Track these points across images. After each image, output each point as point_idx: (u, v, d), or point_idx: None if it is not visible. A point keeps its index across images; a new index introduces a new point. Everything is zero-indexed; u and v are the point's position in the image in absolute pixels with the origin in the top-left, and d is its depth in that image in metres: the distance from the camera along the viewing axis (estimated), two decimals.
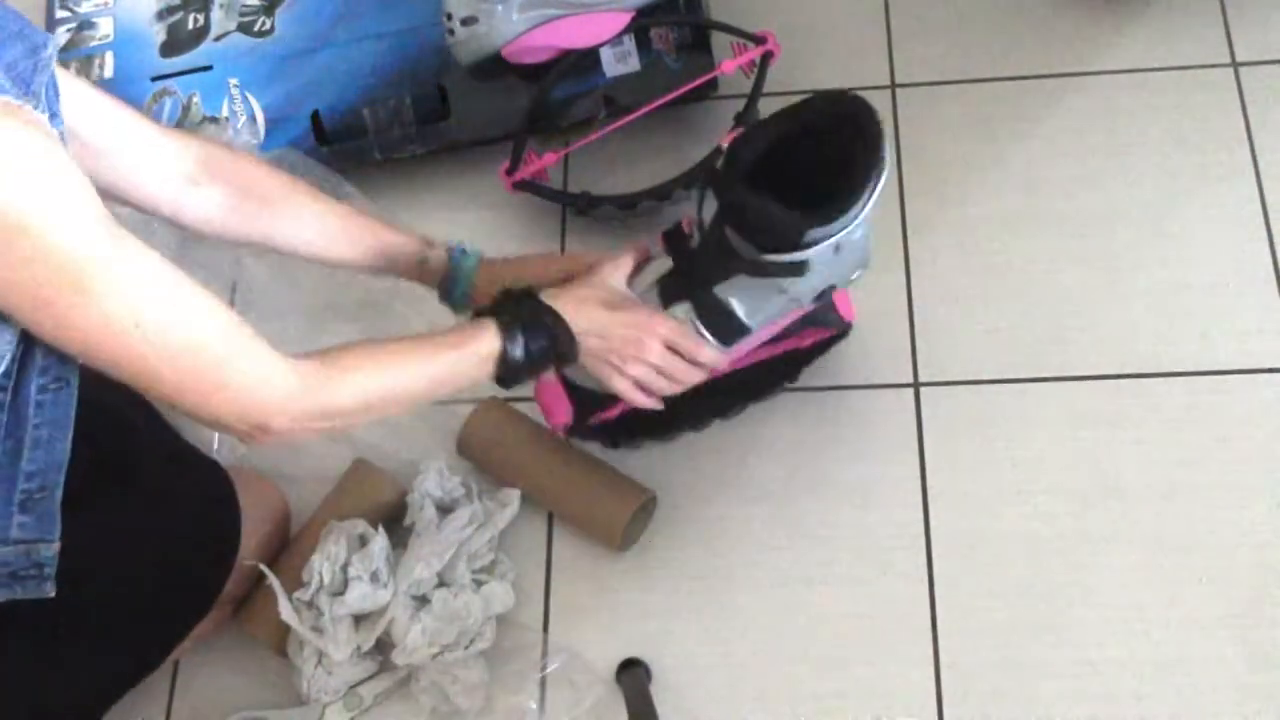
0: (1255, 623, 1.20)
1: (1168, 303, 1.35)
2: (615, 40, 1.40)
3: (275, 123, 1.46)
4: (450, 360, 1.03)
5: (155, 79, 1.48)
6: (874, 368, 1.35)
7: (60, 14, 1.57)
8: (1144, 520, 1.25)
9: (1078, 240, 1.40)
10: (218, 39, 1.49)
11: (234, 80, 1.47)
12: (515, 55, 1.41)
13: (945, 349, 1.36)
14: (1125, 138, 1.45)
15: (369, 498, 1.30)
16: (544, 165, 1.42)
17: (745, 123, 1.39)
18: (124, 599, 1.10)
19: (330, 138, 1.46)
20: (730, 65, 1.41)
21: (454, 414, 1.34)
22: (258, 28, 1.50)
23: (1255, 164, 1.42)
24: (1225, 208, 1.40)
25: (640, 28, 1.41)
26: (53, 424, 0.93)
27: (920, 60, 1.53)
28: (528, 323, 1.06)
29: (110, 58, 1.52)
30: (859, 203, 1.05)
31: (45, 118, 0.82)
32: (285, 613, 1.20)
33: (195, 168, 1.10)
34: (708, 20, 1.44)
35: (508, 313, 1.06)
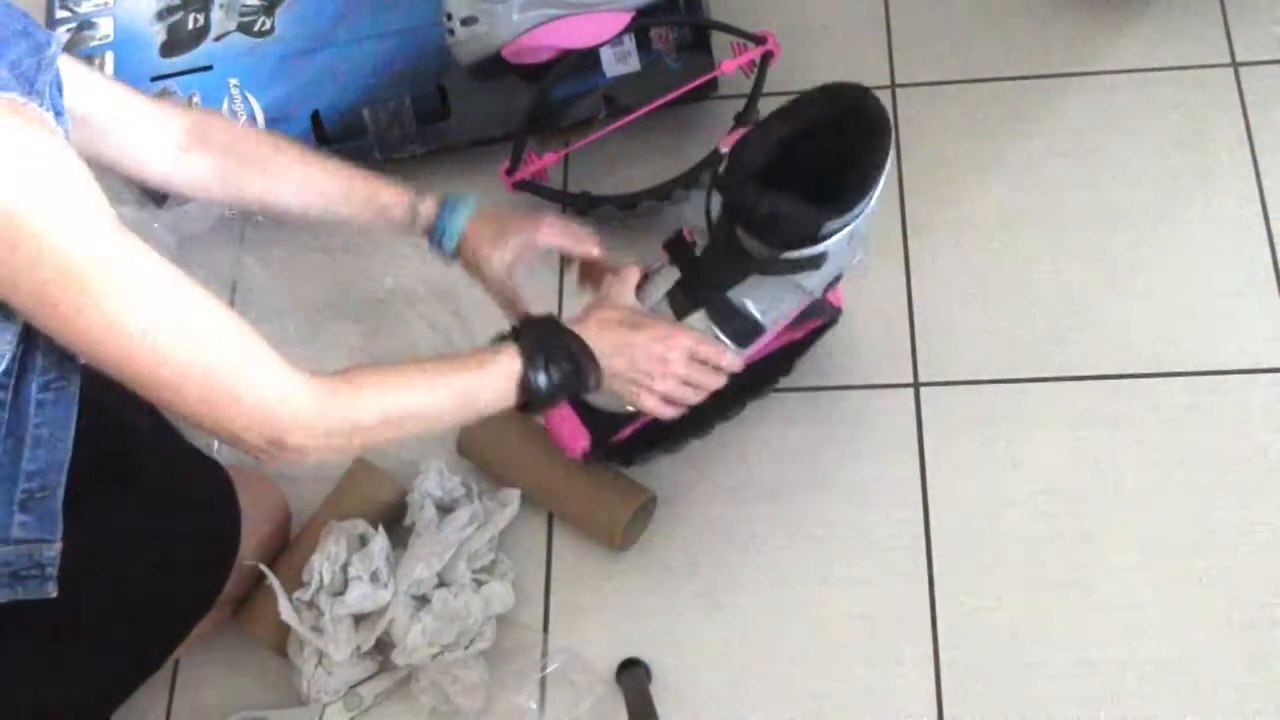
0: (1255, 623, 1.20)
1: (1168, 303, 1.35)
2: (615, 40, 1.40)
3: (275, 123, 1.46)
4: (470, 381, 1.01)
5: (155, 79, 1.49)
6: (874, 368, 1.35)
7: (60, 14, 1.57)
8: (1144, 520, 1.25)
9: (1078, 240, 1.40)
10: (218, 39, 1.49)
11: (234, 80, 1.47)
12: (515, 55, 1.41)
13: (945, 349, 1.36)
14: (1125, 138, 1.45)
15: (369, 498, 1.30)
16: (544, 165, 1.42)
17: (745, 123, 1.38)
18: (124, 599, 1.10)
19: (330, 138, 1.46)
20: (730, 65, 1.41)
21: None
22: (258, 28, 1.50)
23: (1255, 164, 1.42)
24: (1225, 208, 1.40)
25: (640, 28, 1.41)
26: (54, 423, 0.93)
27: (920, 60, 1.53)
28: (550, 349, 1.04)
29: (110, 58, 1.52)
30: (873, 189, 1.05)
31: (50, 116, 0.81)
32: (285, 613, 1.20)
33: (186, 136, 1.11)
34: (708, 20, 1.44)
35: (529, 339, 1.04)
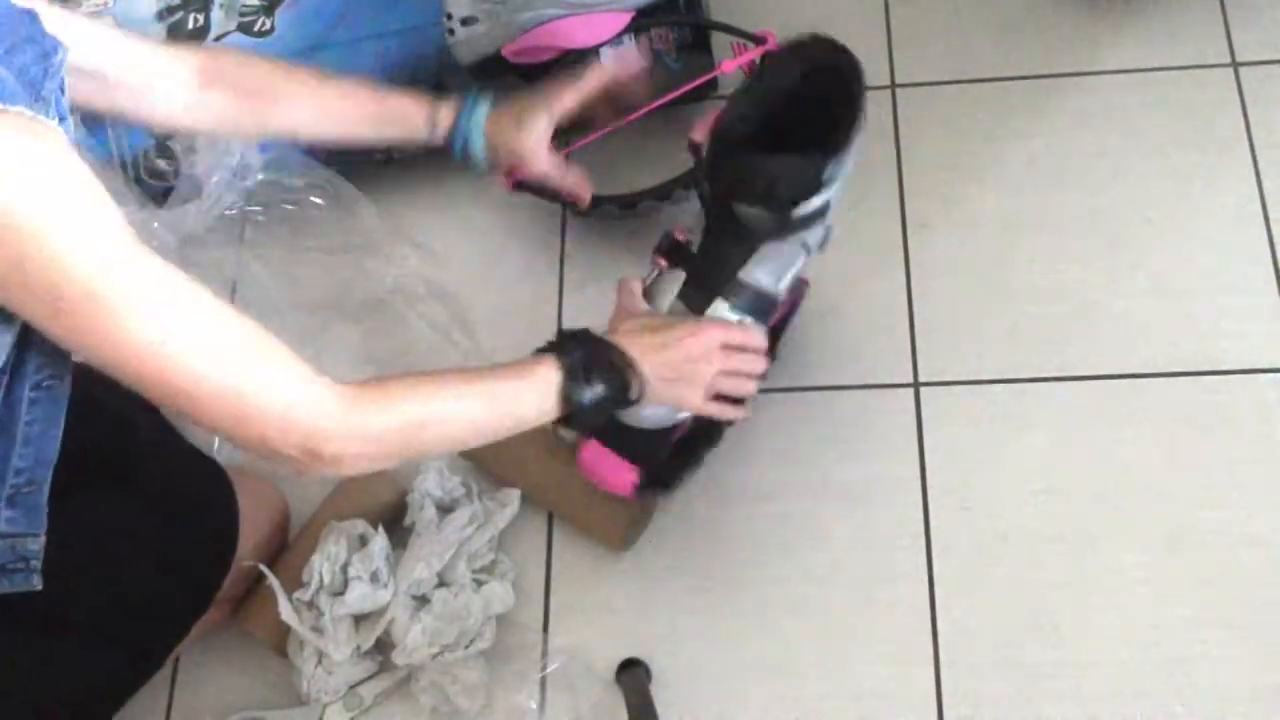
0: (1255, 623, 1.20)
1: (1168, 303, 1.35)
2: (615, 40, 1.40)
3: None
4: (505, 389, 0.99)
5: None
6: (874, 368, 1.35)
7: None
8: (1144, 520, 1.25)
9: (1078, 240, 1.40)
10: (218, 39, 1.49)
11: None
12: (515, 55, 1.41)
13: (945, 349, 1.36)
14: (1125, 138, 1.45)
15: (369, 498, 1.30)
16: None
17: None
18: (121, 596, 1.10)
19: None
20: (730, 65, 1.40)
21: None
22: (258, 28, 1.50)
23: (1255, 164, 1.42)
24: (1225, 208, 1.40)
25: (640, 28, 1.41)
26: (44, 421, 0.93)
27: (920, 60, 1.53)
28: (591, 359, 1.02)
29: None
30: (858, 125, 1.07)
31: (56, 122, 0.81)
32: (285, 613, 1.20)
33: (200, 76, 1.11)
34: (708, 20, 1.44)
35: (568, 350, 1.02)
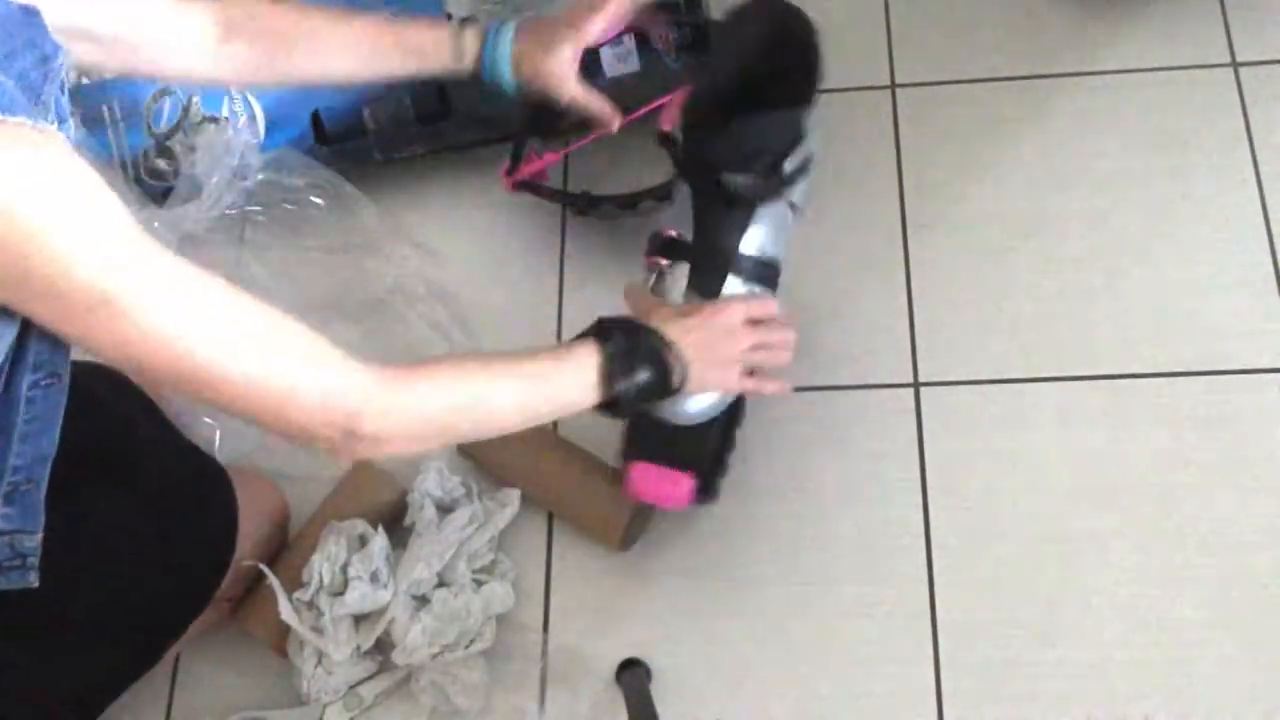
0: (1255, 623, 1.20)
1: (1168, 303, 1.35)
2: (615, 40, 1.40)
3: (275, 123, 1.46)
4: (544, 369, 0.99)
5: None
6: (874, 368, 1.35)
7: None
8: (1144, 520, 1.25)
9: (1077, 240, 1.40)
10: None
11: None
12: None
13: (945, 349, 1.36)
14: (1125, 138, 1.45)
15: (369, 498, 1.30)
16: (544, 165, 1.42)
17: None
18: (119, 595, 1.10)
19: (330, 138, 1.46)
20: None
21: None
22: None
23: (1255, 164, 1.42)
24: (1225, 208, 1.40)
25: (640, 28, 1.41)
26: (42, 418, 0.93)
27: (920, 60, 1.53)
28: (632, 343, 1.02)
29: None
30: (820, 72, 1.12)
31: (55, 127, 0.81)
32: (285, 613, 1.20)
33: (218, 29, 1.11)
34: (708, 20, 1.44)
35: (607, 333, 1.02)
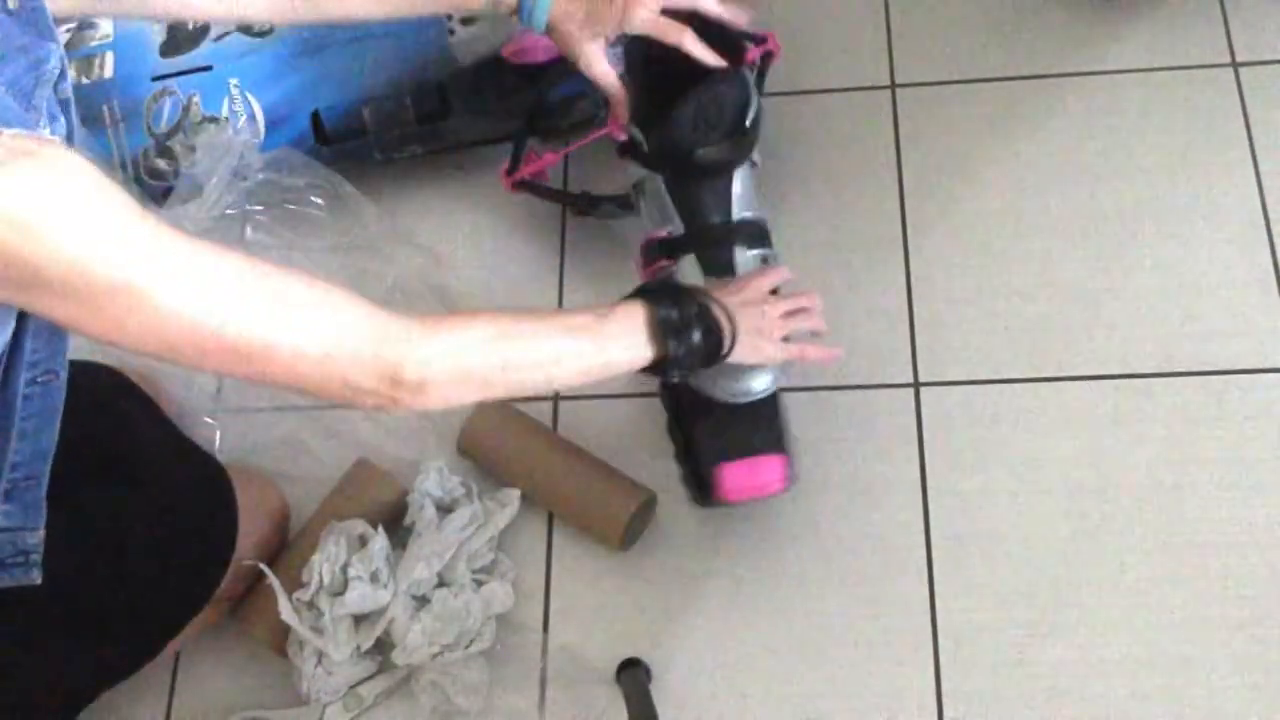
0: (1256, 623, 1.20)
1: (1168, 303, 1.35)
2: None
3: (275, 123, 1.46)
4: (588, 322, 0.98)
5: (155, 79, 1.48)
6: (874, 368, 1.35)
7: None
8: (1145, 520, 1.25)
9: (1078, 240, 1.40)
10: (218, 39, 1.49)
11: (234, 80, 1.46)
12: (515, 55, 1.41)
13: (945, 349, 1.36)
14: (1125, 138, 1.45)
15: (369, 498, 1.30)
16: (544, 165, 1.42)
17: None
18: (118, 593, 1.10)
19: (330, 138, 1.46)
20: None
21: (454, 414, 1.34)
22: (258, 28, 1.49)
23: (1255, 164, 1.42)
24: (1225, 208, 1.40)
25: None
26: (40, 416, 0.93)
27: (920, 60, 1.53)
28: (687, 308, 1.02)
29: (110, 58, 1.51)
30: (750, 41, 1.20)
31: (48, 130, 0.80)
32: (285, 613, 1.20)
33: None
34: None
35: (661, 298, 1.02)
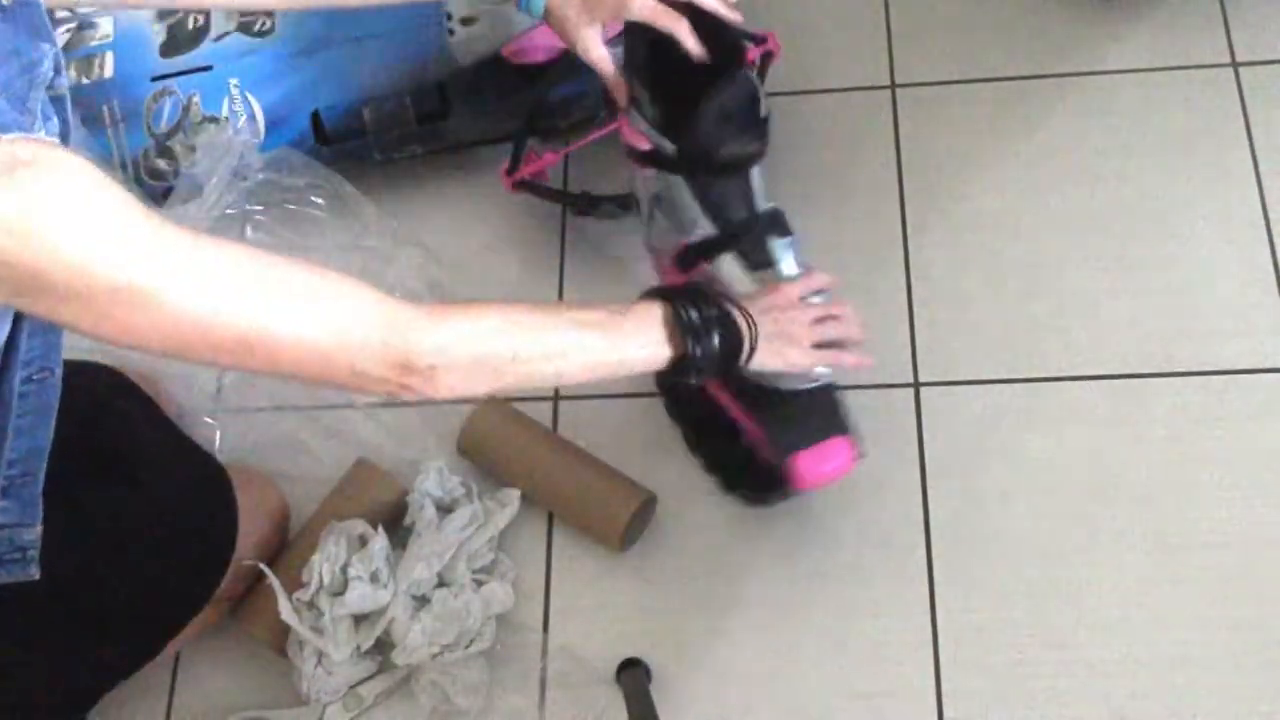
0: (1255, 623, 1.20)
1: (1168, 303, 1.35)
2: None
3: (275, 123, 1.46)
4: (602, 319, 0.97)
5: (155, 79, 1.48)
6: (874, 368, 1.35)
7: (60, 13, 1.57)
8: (1144, 520, 1.25)
9: (1078, 240, 1.40)
10: (218, 39, 1.49)
11: (234, 80, 1.46)
12: (515, 55, 1.41)
13: (945, 349, 1.36)
14: (1125, 138, 1.45)
15: (369, 498, 1.30)
16: (544, 165, 1.42)
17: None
18: (118, 593, 1.10)
19: (330, 138, 1.46)
20: None
21: (454, 414, 1.34)
22: (258, 28, 1.49)
23: (1255, 164, 1.42)
24: (1225, 208, 1.40)
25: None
26: (36, 413, 0.93)
27: (920, 60, 1.53)
28: (702, 306, 1.01)
29: (110, 58, 1.51)
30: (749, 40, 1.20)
31: (42, 133, 0.78)
32: (285, 613, 1.20)
33: None
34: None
35: (680, 299, 1.01)
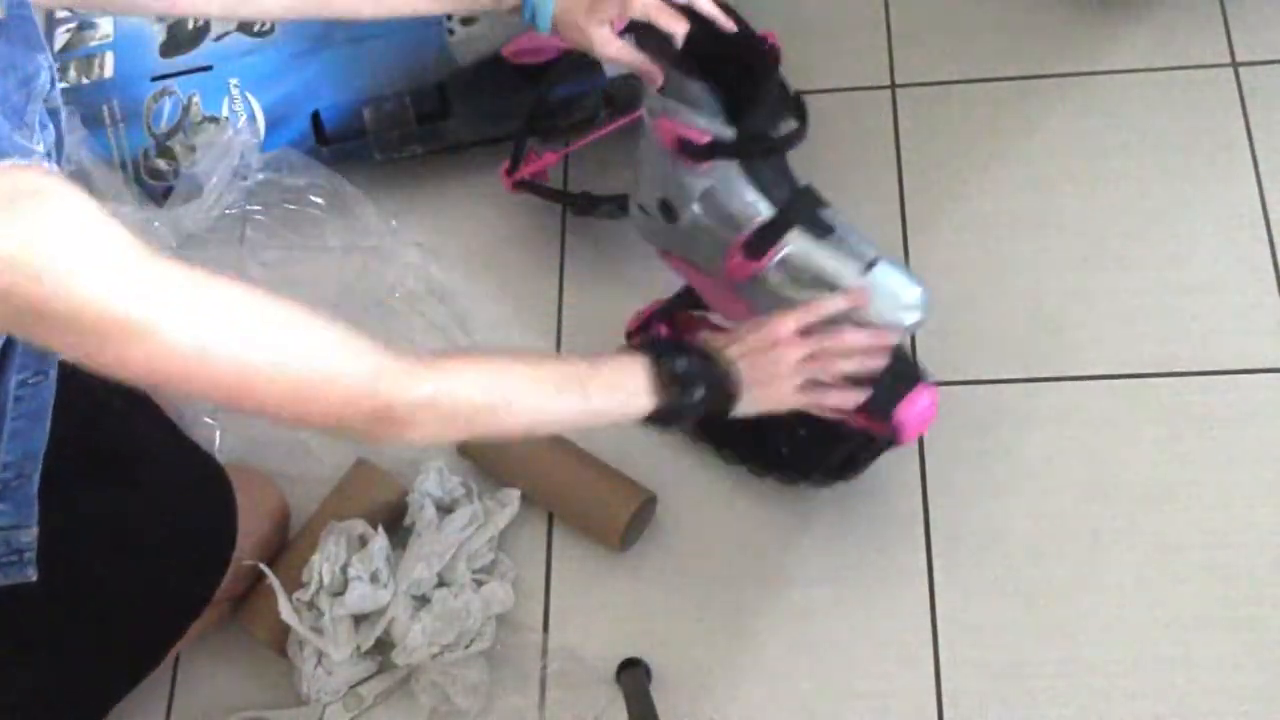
0: (1255, 623, 1.20)
1: (1168, 303, 1.35)
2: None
3: (275, 123, 1.46)
4: (581, 371, 0.95)
5: (155, 79, 1.48)
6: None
7: (60, 14, 1.57)
8: (1144, 520, 1.25)
9: (1078, 240, 1.40)
10: (218, 39, 1.49)
11: (234, 80, 1.46)
12: (515, 55, 1.41)
13: (945, 349, 1.35)
14: (1125, 138, 1.45)
15: (369, 498, 1.30)
16: (544, 165, 1.42)
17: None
18: (119, 594, 1.10)
19: (330, 138, 1.46)
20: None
21: None
22: (258, 28, 1.50)
23: (1255, 164, 1.42)
24: (1225, 208, 1.40)
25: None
26: (30, 415, 0.93)
27: (920, 60, 1.53)
28: (690, 362, 0.99)
29: (110, 58, 1.51)
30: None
31: (40, 146, 0.78)
32: (285, 613, 1.20)
33: None
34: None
35: (662, 353, 0.99)
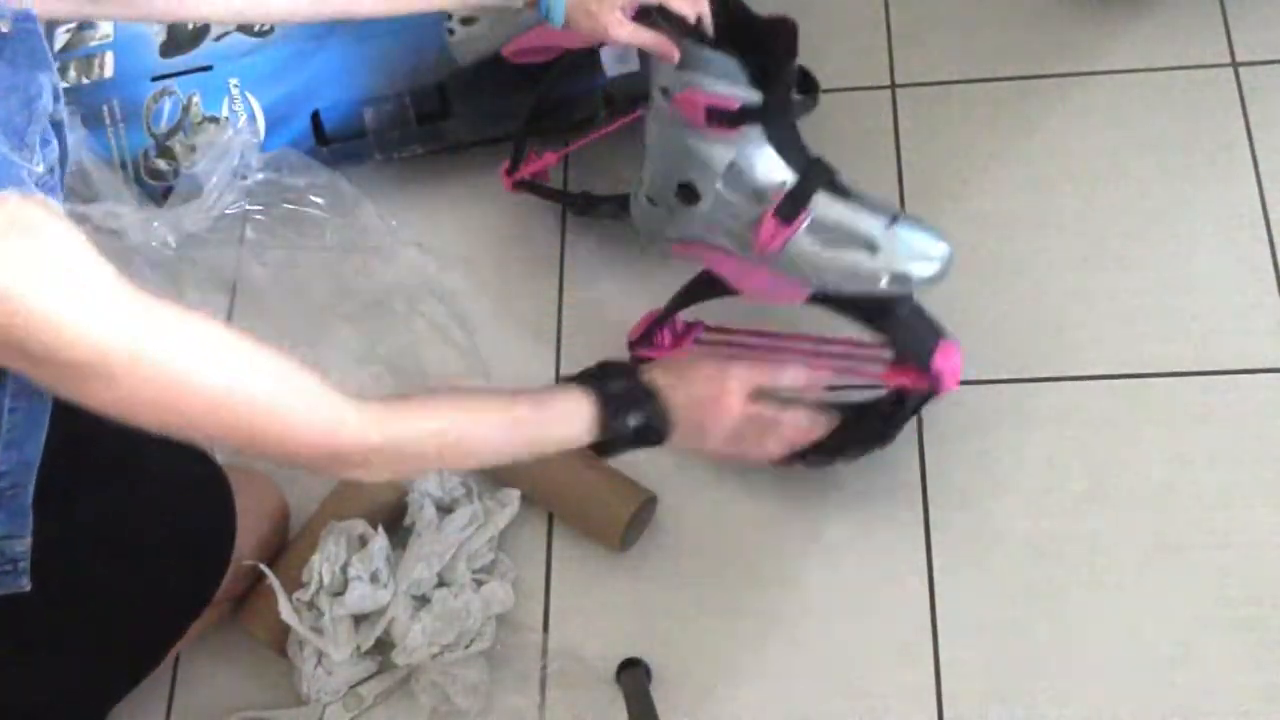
0: (1255, 623, 1.20)
1: (1168, 303, 1.35)
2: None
3: (275, 123, 1.46)
4: (528, 406, 0.97)
5: (155, 79, 1.48)
6: None
7: None
8: (1145, 520, 1.25)
9: (1078, 240, 1.40)
10: (218, 39, 1.49)
11: (234, 80, 1.46)
12: (515, 55, 1.41)
13: None
14: (1125, 138, 1.45)
15: (369, 498, 1.30)
16: (544, 165, 1.42)
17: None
18: (118, 596, 1.10)
19: (330, 138, 1.46)
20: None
21: None
22: (258, 28, 1.49)
23: (1255, 164, 1.42)
24: (1225, 208, 1.40)
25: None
26: (25, 426, 0.93)
27: (920, 60, 1.53)
28: (626, 393, 1.00)
29: (110, 58, 1.51)
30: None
31: (40, 168, 0.78)
32: (285, 613, 1.20)
33: None
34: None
35: (601, 382, 1.00)
